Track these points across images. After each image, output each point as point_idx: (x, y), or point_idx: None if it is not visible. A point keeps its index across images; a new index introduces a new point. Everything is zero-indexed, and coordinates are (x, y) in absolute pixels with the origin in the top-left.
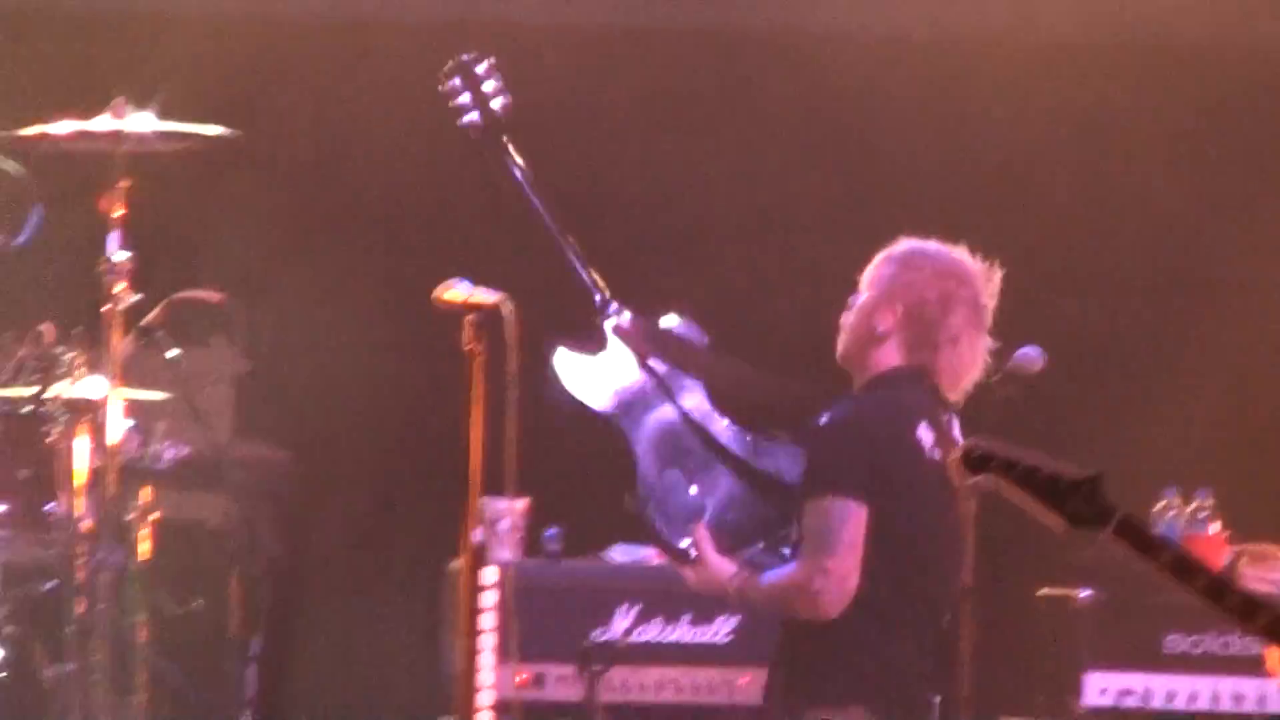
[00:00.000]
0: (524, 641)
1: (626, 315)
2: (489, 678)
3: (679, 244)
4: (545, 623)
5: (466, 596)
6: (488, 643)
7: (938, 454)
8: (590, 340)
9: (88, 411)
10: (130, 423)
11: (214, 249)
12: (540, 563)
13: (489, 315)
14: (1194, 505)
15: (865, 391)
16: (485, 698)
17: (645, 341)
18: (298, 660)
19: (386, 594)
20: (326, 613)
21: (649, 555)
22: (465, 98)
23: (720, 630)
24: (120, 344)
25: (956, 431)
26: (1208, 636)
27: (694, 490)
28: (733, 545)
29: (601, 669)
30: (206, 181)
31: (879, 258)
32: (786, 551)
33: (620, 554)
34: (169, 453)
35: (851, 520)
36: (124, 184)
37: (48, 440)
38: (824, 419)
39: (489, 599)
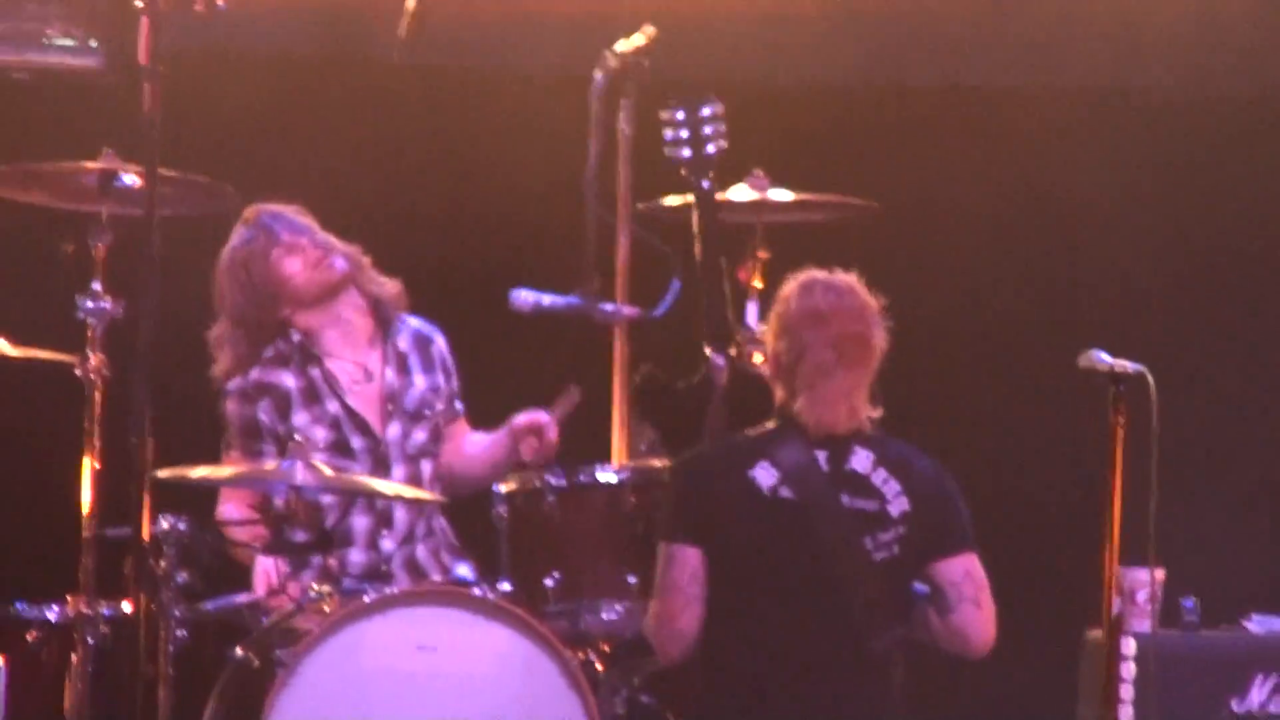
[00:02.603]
0: (1162, 712)
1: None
2: None
3: None
4: (1183, 694)
5: (1105, 667)
6: (1126, 714)
7: (785, 492)
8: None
9: None
10: None
11: None
12: (1178, 633)
13: (1133, 383)
14: None
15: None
16: None
17: None
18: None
19: (1023, 662)
20: (967, 679)
21: None
22: (683, 133)
23: None
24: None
25: (856, 462)
26: None
27: None
28: None
29: None
30: (841, 251)
31: None
32: None
33: (1257, 624)
34: None
35: (674, 564)
36: (763, 255)
37: None
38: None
39: (1128, 670)
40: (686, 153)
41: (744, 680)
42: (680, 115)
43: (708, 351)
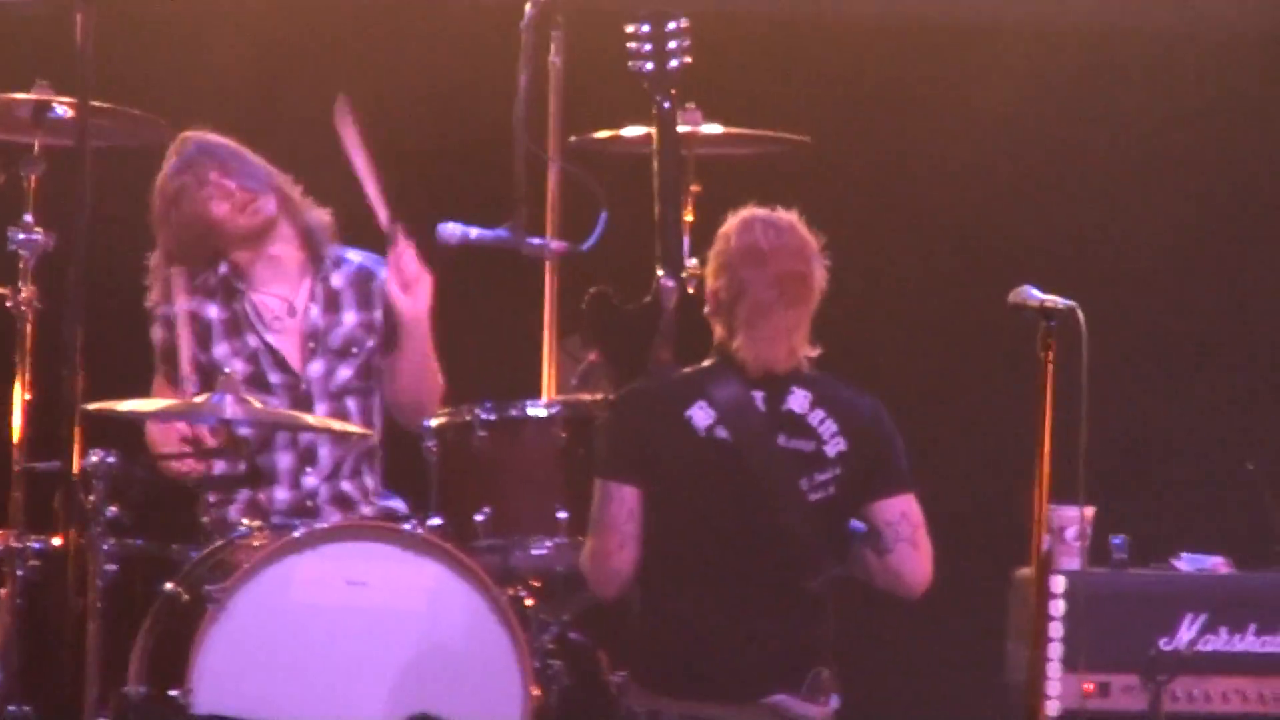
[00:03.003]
0: (1091, 650)
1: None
2: (1055, 687)
3: None
4: (1111, 632)
5: (1035, 605)
6: (1055, 652)
7: (721, 432)
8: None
9: None
10: None
11: None
12: (1107, 571)
13: (1062, 320)
14: None
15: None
16: (1051, 707)
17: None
18: (867, 664)
19: (953, 600)
20: (895, 617)
21: (1216, 564)
22: (647, 47)
23: None
24: None
25: (793, 402)
26: None
27: None
28: None
29: (1166, 679)
30: (773, 186)
31: None
32: None
33: (1186, 563)
34: None
35: (611, 501)
36: (693, 189)
37: None
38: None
39: (1057, 608)
40: (649, 66)
41: (679, 619)
42: (646, 28)
43: (659, 274)
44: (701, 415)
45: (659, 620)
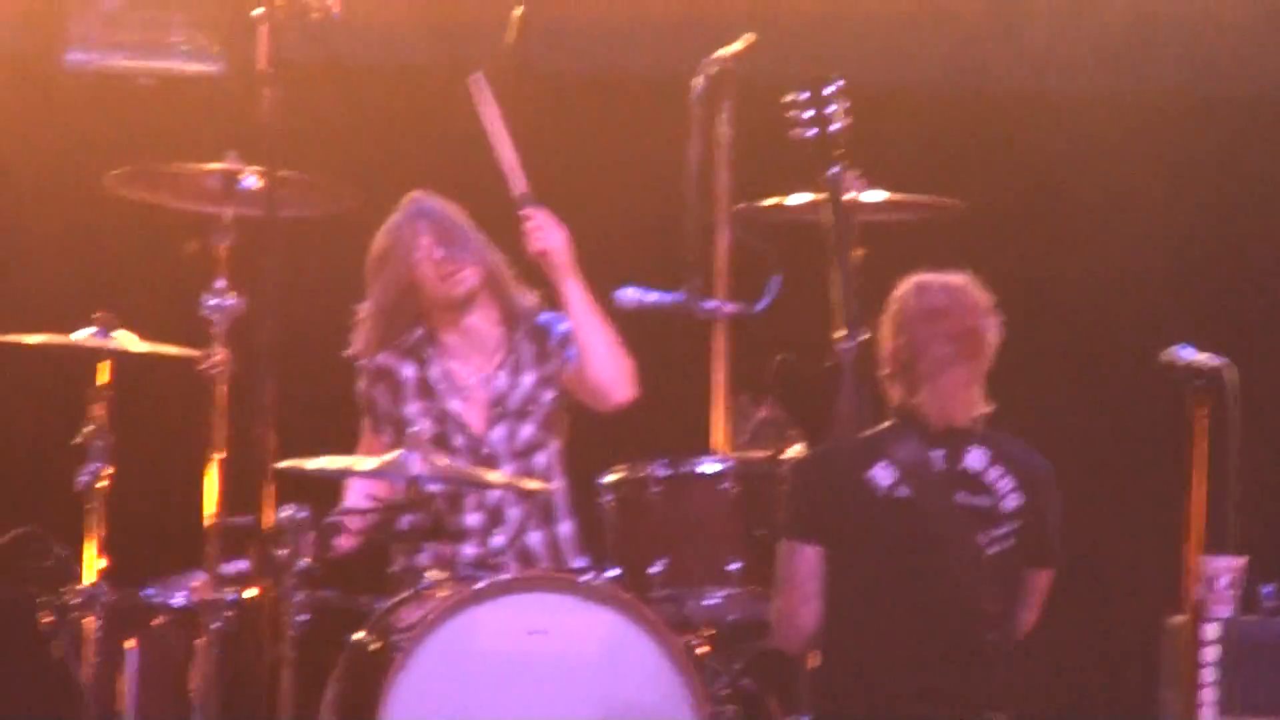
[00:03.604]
0: (1243, 696)
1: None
2: None
3: None
4: (1262, 677)
5: (1187, 652)
6: (1208, 697)
7: (902, 491)
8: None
9: None
10: None
11: None
12: (1260, 620)
13: (1212, 378)
14: None
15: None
16: None
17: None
18: (1029, 712)
19: (1110, 647)
20: (1055, 664)
21: None
22: (808, 114)
23: None
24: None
25: (971, 460)
26: None
27: None
28: None
29: None
30: (933, 249)
31: None
32: None
33: None
34: None
35: (795, 560)
36: (859, 252)
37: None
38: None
39: (1210, 654)
40: (813, 132)
41: (863, 673)
42: (805, 96)
43: (837, 338)
44: (883, 475)
45: (842, 674)
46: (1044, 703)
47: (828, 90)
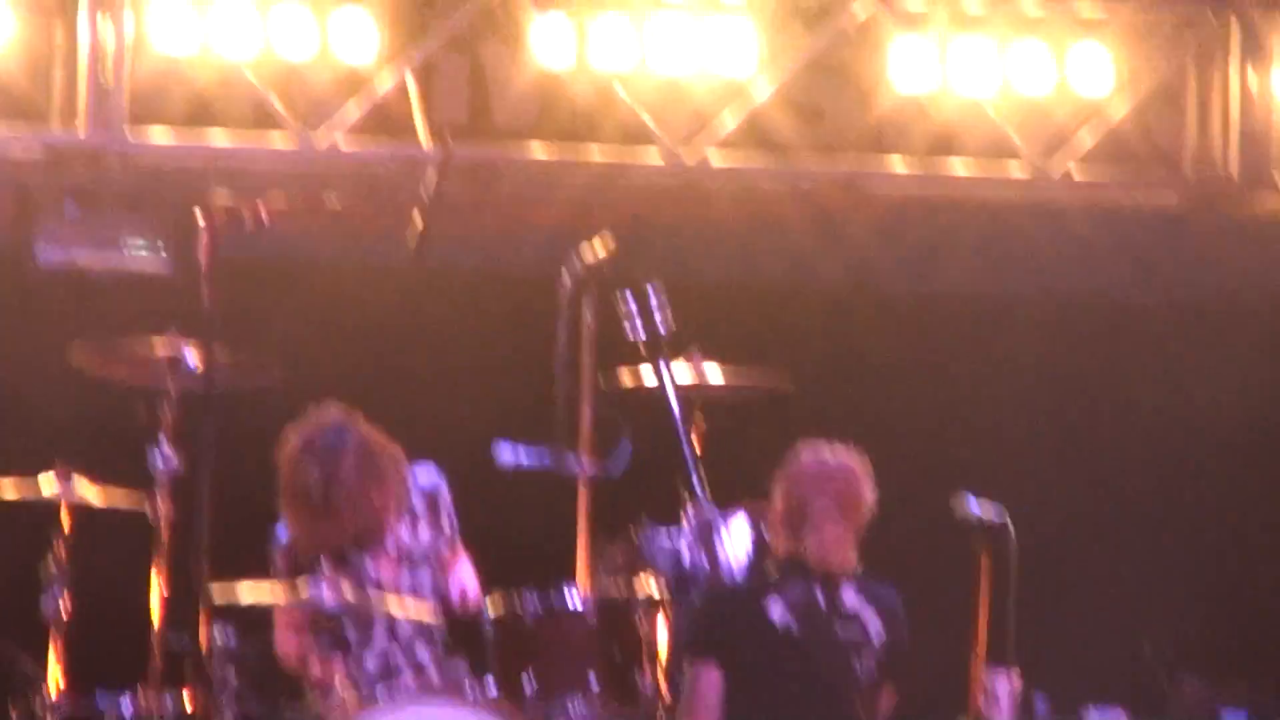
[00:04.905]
0: None
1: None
2: None
3: None
4: None
5: None
6: None
7: (793, 624)
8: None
9: (666, 605)
10: None
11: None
12: None
13: (992, 529)
14: None
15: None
16: None
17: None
18: None
19: None
20: None
21: (1118, 716)
22: (635, 315)
23: None
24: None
25: (846, 599)
26: None
27: None
28: None
29: None
30: (761, 419)
31: None
32: None
33: (1095, 716)
34: None
35: (700, 680)
36: (700, 425)
37: (636, 628)
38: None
39: None
40: (641, 332)
41: None
42: (630, 300)
43: (687, 500)
44: (777, 610)
45: None
46: None
47: (648, 293)
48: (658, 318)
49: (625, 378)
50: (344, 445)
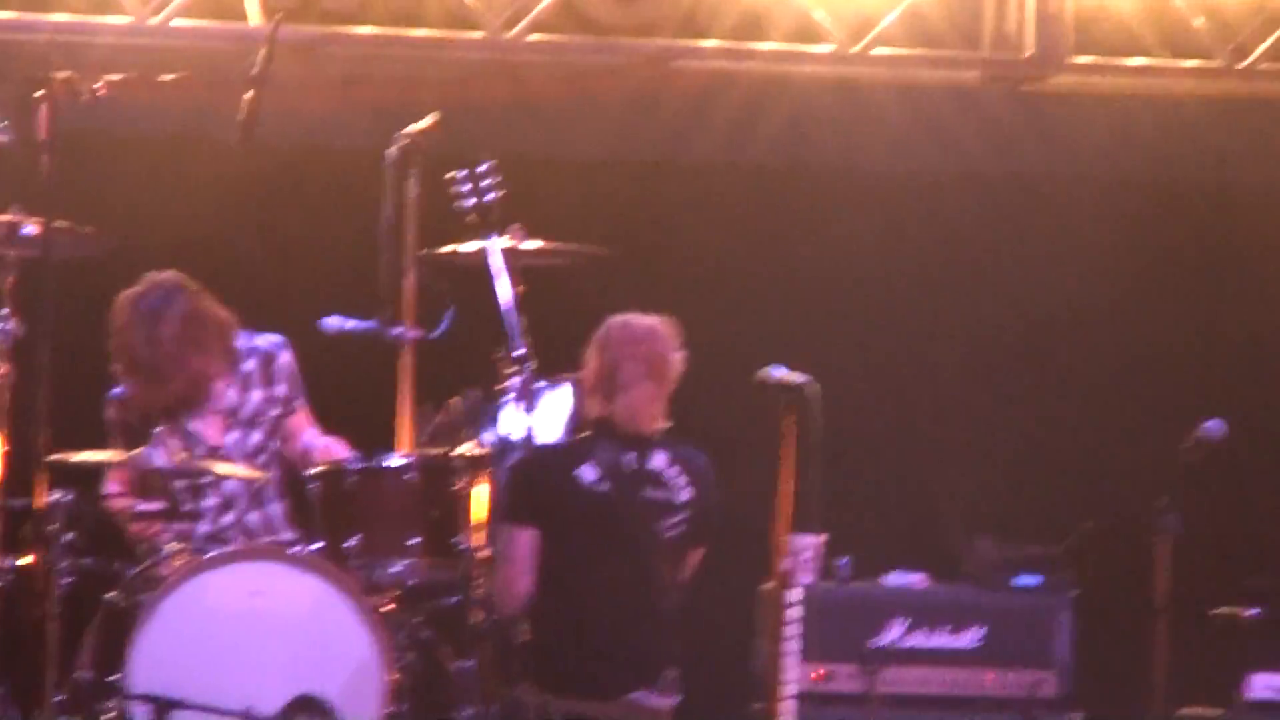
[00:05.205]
0: (819, 646)
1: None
2: (792, 674)
3: None
4: (836, 632)
5: (775, 611)
6: (792, 646)
7: (604, 486)
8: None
9: (485, 465)
10: None
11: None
12: (833, 585)
13: (797, 392)
14: None
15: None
16: (788, 689)
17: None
18: None
19: (721, 607)
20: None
21: (917, 579)
22: (466, 188)
23: (971, 638)
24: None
25: (655, 462)
26: None
27: None
28: None
29: (878, 668)
30: (578, 290)
31: None
32: None
33: (895, 579)
34: None
35: (514, 541)
36: (520, 289)
37: (455, 488)
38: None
39: (793, 613)
40: (470, 203)
41: (565, 632)
42: (463, 175)
43: (510, 368)
44: (588, 472)
45: (550, 635)
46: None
47: (481, 169)
48: (488, 193)
49: (449, 249)
50: (168, 308)
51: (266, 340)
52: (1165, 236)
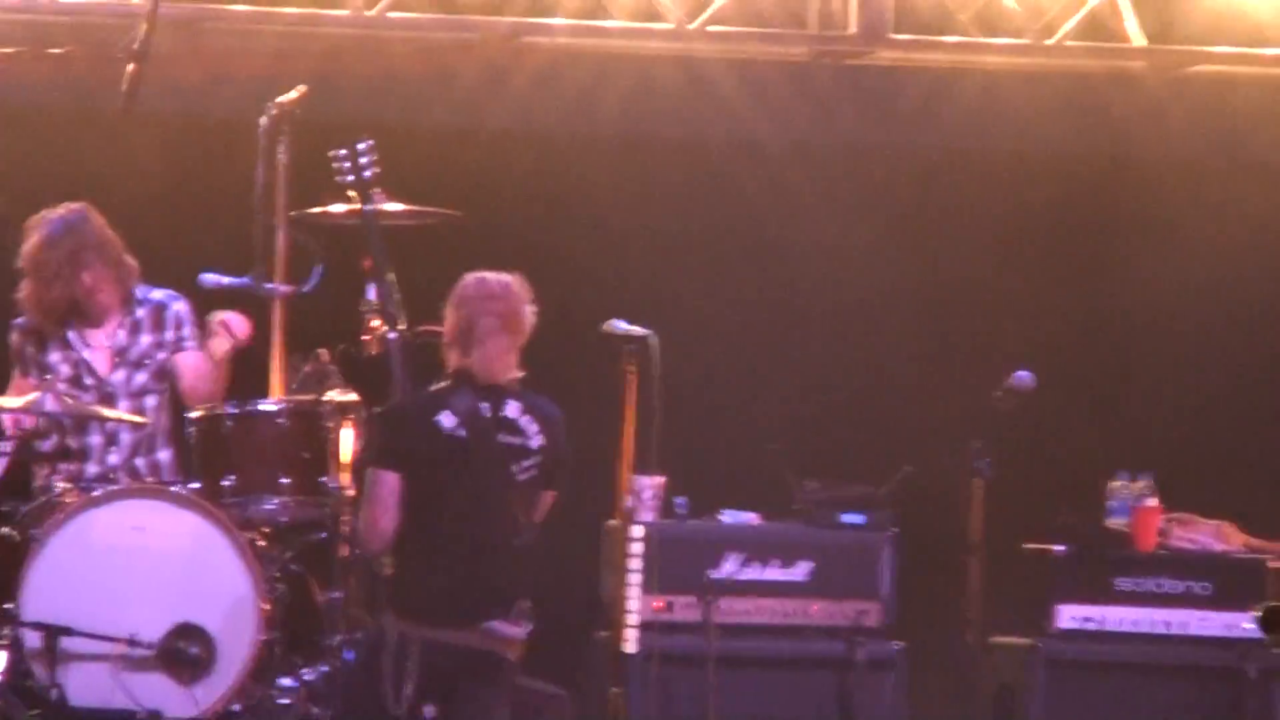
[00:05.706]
0: (660, 578)
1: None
2: (635, 604)
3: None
4: (675, 565)
5: (619, 546)
6: (634, 579)
7: (462, 432)
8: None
9: (351, 411)
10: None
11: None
12: (673, 522)
13: (639, 343)
14: (1139, 484)
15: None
16: (632, 618)
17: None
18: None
19: (572, 543)
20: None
21: (750, 518)
22: (346, 165)
23: (801, 572)
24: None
25: (509, 410)
26: (1147, 580)
27: None
28: None
29: (715, 599)
30: (436, 250)
31: None
32: None
33: (728, 516)
34: None
35: (378, 484)
36: (368, 263)
37: (324, 432)
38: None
39: (636, 548)
40: (351, 178)
41: (425, 567)
42: (343, 153)
43: (384, 330)
44: (447, 420)
45: (411, 569)
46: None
47: (360, 147)
48: (366, 170)
49: (318, 210)
50: (68, 225)
51: (162, 293)
52: (978, 200)
